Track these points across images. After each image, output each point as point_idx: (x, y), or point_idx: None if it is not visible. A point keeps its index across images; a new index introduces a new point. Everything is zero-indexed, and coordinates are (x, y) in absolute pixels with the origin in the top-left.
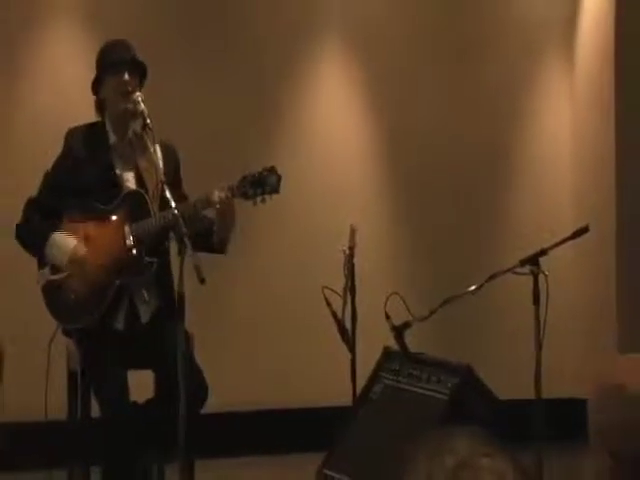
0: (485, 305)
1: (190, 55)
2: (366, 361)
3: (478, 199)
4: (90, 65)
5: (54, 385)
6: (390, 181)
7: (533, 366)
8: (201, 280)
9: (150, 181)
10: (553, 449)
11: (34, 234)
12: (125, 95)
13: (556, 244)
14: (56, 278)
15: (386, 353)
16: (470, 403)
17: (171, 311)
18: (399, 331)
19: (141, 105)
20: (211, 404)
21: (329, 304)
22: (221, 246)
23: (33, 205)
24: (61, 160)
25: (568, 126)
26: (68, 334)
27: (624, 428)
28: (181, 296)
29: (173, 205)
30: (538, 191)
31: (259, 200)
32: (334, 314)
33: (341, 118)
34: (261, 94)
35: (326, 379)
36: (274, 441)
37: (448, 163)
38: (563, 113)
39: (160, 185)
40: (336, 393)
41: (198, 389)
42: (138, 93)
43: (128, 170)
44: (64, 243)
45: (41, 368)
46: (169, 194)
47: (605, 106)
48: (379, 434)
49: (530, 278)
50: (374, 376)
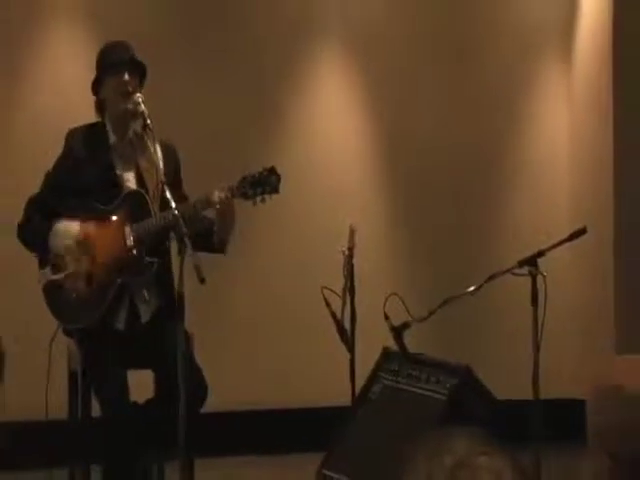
0: (484, 306)
1: (190, 55)
2: (365, 361)
3: (477, 200)
4: (90, 65)
5: (55, 385)
6: (389, 181)
7: (531, 367)
8: (201, 280)
9: (150, 181)
10: (551, 449)
11: (36, 233)
12: (125, 95)
13: (554, 245)
14: (57, 278)
15: (385, 353)
16: (469, 403)
17: (171, 311)
18: (398, 331)
19: (141, 106)
20: (211, 404)
21: (328, 304)
22: (221, 246)
23: (34, 204)
24: (62, 160)
25: (566, 128)
26: (69, 334)
27: (622, 429)
28: (181, 296)
29: (173, 205)
30: (536, 193)
31: (259, 200)
32: (333, 314)
33: (341, 118)
34: (261, 94)
35: (325, 379)
36: (274, 441)
37: (447, 164)
38: (561, 115)
39: (160, 185)
40: (335, 393)
41: (198, 389)
42: (138, 94)
43: (128, 170)
44: (68, 228)
45: (42, 368)
46: (169, 194)
47: (603, 108)
48: (378, 434)
49: (528, 279)
50: (373, 376)
